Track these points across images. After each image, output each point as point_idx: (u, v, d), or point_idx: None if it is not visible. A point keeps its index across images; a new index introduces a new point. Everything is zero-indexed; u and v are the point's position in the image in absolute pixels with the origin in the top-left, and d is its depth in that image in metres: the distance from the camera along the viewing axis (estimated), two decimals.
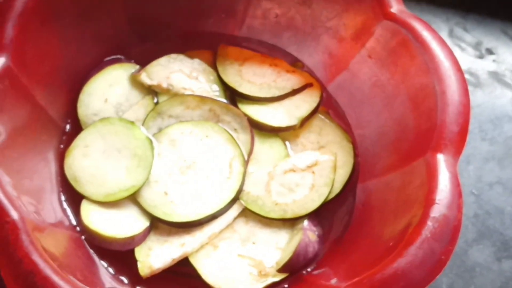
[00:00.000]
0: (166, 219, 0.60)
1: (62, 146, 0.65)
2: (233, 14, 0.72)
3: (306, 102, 0.69)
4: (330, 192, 0.64)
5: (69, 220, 0.61)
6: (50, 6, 0.58)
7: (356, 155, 0.67)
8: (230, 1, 0.70)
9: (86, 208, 0.61)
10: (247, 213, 0.64)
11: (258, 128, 0.68)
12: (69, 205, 0.62)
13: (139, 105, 0.67)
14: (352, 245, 0.61)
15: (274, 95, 0.69)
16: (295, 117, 0.68)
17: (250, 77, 0.70)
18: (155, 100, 0.68)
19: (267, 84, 0.70)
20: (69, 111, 0.66)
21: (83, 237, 0.61)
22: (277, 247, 0.62)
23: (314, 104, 0.69)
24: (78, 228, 0.61)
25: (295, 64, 0.72)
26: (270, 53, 0.73)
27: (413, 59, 0.59)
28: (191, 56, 0.71)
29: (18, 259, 0.46)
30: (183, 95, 0.67)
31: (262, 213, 0.63)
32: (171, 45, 0.72)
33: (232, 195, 0.62)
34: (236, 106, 0.69)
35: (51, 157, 0.63)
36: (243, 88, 0.69)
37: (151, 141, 0.64)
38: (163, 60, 0.69)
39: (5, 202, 0.48)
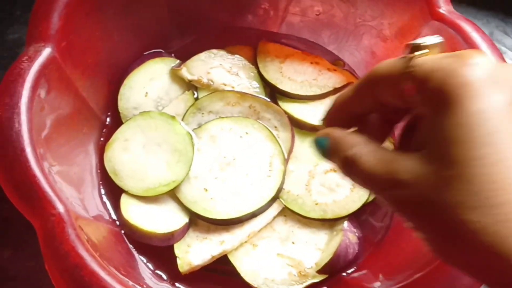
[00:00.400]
0: (206, 216, 0.60)
1: (102, 139, 0.64)
2: (274, 10, 0.71)
3: None
4: (371, 194, 0.63)
5: (109, 214, 0.61)
6: None
7: None
8: None
9: (125, 203, 0.60)
10: (286, 212, 0.63)
11: (298, 126, 0.67)
12: (109, 198, 0.62)
13: (179, 100, 0.66)
14: (394, 248, 0.60)
15: (315, 93, 0.68)
16: None
17: (291, 75, 0.69)
18: (195, 95, 0.67)
19: (308, 82, 0.69)
20: (109, 103, 0.66)
21: (123, 231, 0.60)
22: (316, 247, 0.61)
23: None
24: (118, 222, 0.60)
25: (336, 62, 0.72)
26: (310, 50, 0.72)
27: None
28: (231, 51, 0.70)
29: (64, 253, 0.45)
30: (223, 91, 0.66)
31: (302, 212, 0.62)
32: (210, 40, 0.71)
33: (272, 193, 0.61)
34: (276, 103, 0.68)
35: (91, 149, 0.63)
36: (284, 85, 0.68)
37: (191, 137, 0.63)
38: (203, 55, 0.69)
39: (51, 194, 0.47)
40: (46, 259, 0.46)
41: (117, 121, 0.65)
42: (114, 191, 0.61)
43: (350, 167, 0.37)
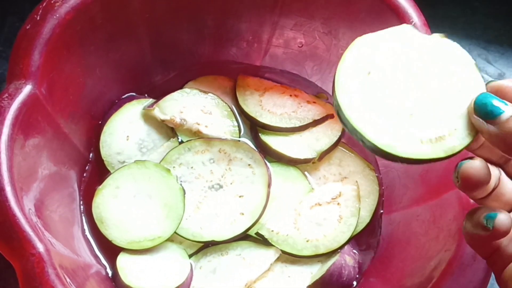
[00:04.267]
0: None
1: (85, 175, 0.64)
2: (257, 42, 0.71)
3: (326, 136, 0.68)
4: (360, 223, 0.64)
5: (92, 252, 0.60)
6: (76, 32, 0.57)
7: (380, 184, 0.67)
8: (255, 30, 0.70)
9: (123, 266, 0.59)
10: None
11: (277, 158, 0.67)
12: (92, 235, 0.62)
13: (165, 147, 0.66)
14: (381, 280, 0.60)
15: (295, 126, 0.68)
16: (314, 150, 0.67)
17: (271, 108, 0.69)
18: (179, 140, 0.67)
19: (288, 115, 0.69)
20: (92, 139, 0.66)
21: (105, 272, 0.59)
22: (312, 275, 0.62)
23: (334, 138, 0.68)
24: (100, 258, 0.60)
25: (319, 95, 0.72)
26: (293, 83, 0.73)
27: None
28: (208, 81, 0.71)
29: None
30: (189, 141, 0.66)
31: (294, 252, 0.62)
32: (193, 74, 0.71)
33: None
34: (257, 136, 0.68)
35: (75, 186, 0.62)
36: (264, 118, 0.68)
37: (184, 193, 0.62)
38: (176, 94, 0.68)
39: (31, 233, 0.46)
40: None
41: (101, 157, 0.65)
42: (97, 228, 0.61)
43: None
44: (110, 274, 0.60)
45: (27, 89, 0.52)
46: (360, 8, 0.62)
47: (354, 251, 0.63)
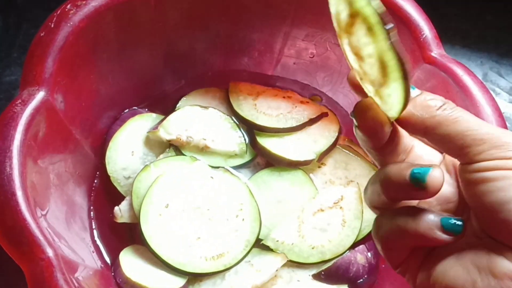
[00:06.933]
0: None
1: (96, 181, 0.64)
2: (269, 52, 0.72)
3: (323, 137, 0.69)
4: (367, 226, 0.64)
5: (101, 257, 0.60)
6: (90, 40, 0.57)
7: None
8: (267, 40, 0.70)
9: (126, 260, 0.59)
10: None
11: (276, 162, 0.67)
12: (102, 241, 0.62)
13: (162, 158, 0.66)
14: None
15: (292, 125, 0.68)
16: (313, 151, 0.67)
17: (265, 110, 0.70)
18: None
19: (284, 115, 0.69)
20: (103, 146, 0.66)
21: (113, 278, 0.60)
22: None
23: (332, 139, 0.68)
24: (119, 280, 0.60)
25: (313, 97, 0.73)
26: (303, 92, 0.73)
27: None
28: (200, 94, 0.71)
29: None
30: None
31: (301, 260, 0.62)
32: (204, 83, 0.72)
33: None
34: (255, 139, 0.68)
35: (84, 192, 0.63)
36: (260, 120, 0.69)
37: None
38: (178, 113, 0.68)
39: (41, 238, 0.46)
40: None
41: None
42: (107, 235, 0.61)
43: None
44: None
45: (40, 95, 0.52)
46: None
47: (367, 253, 0.63)
